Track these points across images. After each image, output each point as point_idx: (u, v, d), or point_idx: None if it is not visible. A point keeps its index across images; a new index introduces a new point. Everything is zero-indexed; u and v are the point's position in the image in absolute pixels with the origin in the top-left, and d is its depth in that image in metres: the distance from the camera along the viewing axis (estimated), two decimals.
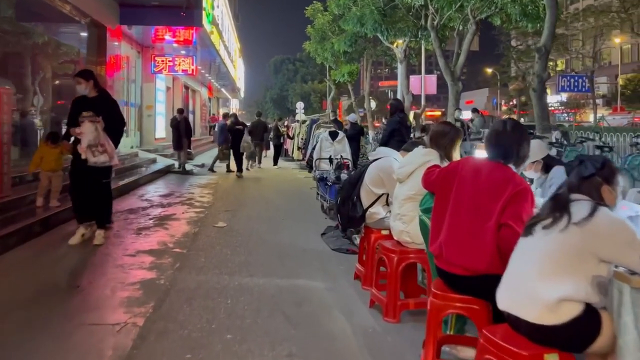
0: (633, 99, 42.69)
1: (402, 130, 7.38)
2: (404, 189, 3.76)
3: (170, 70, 18.21)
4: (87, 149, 5.50)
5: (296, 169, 15.69)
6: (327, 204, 7.58)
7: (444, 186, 2.88)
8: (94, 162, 5.53)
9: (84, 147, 5.51)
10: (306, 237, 6.31)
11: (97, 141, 5.54)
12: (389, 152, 4.50)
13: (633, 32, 34.23)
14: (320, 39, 27.97)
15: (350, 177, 4.52)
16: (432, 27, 18.65)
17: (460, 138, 3.77)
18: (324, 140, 8.98)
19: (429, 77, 23.87)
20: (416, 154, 3.79)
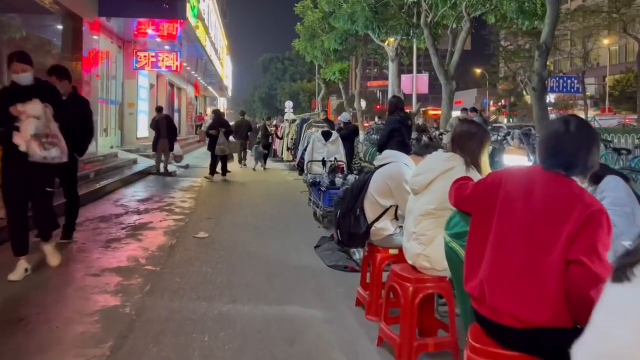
0: (621, 100, 42.67)
1: (402, 131, 6.72)
2: (421, 202, 3.07)
3: (153, 66, 17.37)
4: (32, 139, 4.10)
5: (285, 170, 14.98)
6: (320, 211, 6.88)
7: (482, 205, 2.19)
8: (42, 158, 4.15)
9: (26, 136, 4.08)
10: (298, 251, 5.60)
11: (47, 130, 4.19)
12: (398, 156, 3.81)
13: (625, 33, 34.03)
14: (309, 36, 27.36)
15: (352, 186, 3.83)
16: (426, 24, 18.11)
17: (489, 140, 3.10)
18: (316, 140, 8.28)
19: (421, 76, 23.34)
20: (435, 159, 3.11)
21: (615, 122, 34.38)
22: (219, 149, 11.88)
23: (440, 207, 2.97)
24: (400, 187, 3.59)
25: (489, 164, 3.72)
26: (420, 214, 3.06)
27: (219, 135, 11.87)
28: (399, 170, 3.67)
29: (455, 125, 3.15)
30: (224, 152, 11.99)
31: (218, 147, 11.87)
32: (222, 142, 11.92)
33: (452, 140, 3.10)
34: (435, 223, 3.00)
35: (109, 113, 15.90)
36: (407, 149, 6.81)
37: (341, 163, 7.78)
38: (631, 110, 39.76)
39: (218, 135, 11.98)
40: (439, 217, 2.98)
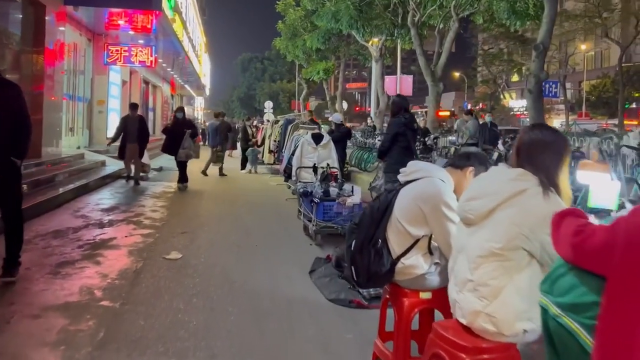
0: (597, 105, 42.88)
1: (407, 134, 5.89)
2: (479, 237, 2.20)
3: (125, 61, 16.22)
4: None
5: (267, 174, 14.00)
6: (313, 226, 5.96)
7: (628, 265, 1.33)
8: None
9: None
10: (290, 278, 4.68)
11: None
12: (431, 170, 2.92)
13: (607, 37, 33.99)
14: (291, 35, 26.55)
15: (372, 209, 2.92)
16: (413, 23, 17.46)
17: (569, 152, 2.24)
18: (306, 144, 7.38)
19: (405, 78, 22.71)
20: (497, 178, 2.23)
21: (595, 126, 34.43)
22: (183, 154, 10.20)
23: (510, 247, 2.11)
24: (438, 211, 2.71)
25: None
26: (480, 255, 2.17)
27: (185, 138, 10.18)
28: (435, 188, 2.78)
29: (521, 131, 2.28)
30: (189, 157, 10.38)
31: (182, 151, 10.18)
32: (187, 145, 10.26)
33: (518, 151, 2.24)
34: (502, 269, 2.13)
35: (76, 111, 14.72)
36: (412, 155, 6.00)
37: (334, 170, 6.89)
38: (607, 115, 39.96)
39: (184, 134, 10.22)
40: (508, 261, 2.12)
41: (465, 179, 2.89)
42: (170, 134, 10.42)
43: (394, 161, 5.91)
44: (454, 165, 2.96)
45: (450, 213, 2.73)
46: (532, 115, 13.81)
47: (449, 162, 3.04)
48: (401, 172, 3.01)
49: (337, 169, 7.08)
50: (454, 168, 2.94)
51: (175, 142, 10.21)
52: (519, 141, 2.25)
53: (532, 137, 2.20)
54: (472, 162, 2.90)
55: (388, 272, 2.82)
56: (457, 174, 2.91)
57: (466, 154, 3.07)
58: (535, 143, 2.18)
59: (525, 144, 2.21)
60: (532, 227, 2.08)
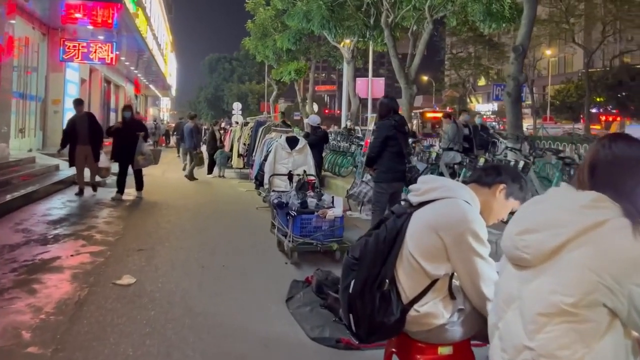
0: (561, 109, 43.66)
1: (398, 138, 5.30)
2: (540, 287, 1.56)
3: (83, 58, 15.16)
4: None
5: (236, 179, 13.23)
6: (289, 242, 5.27)
7: None
8: None
9: None
10: (264, 308, 3.96)
11: None
12: (453, 188, 2.25)
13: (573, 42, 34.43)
14: (261, 35, 25.86)
15: (377, 239, 2.26)
16: (386, 24, 17.04)
17: None
18: (280, 148, 6.69)
19: (377, 80, 22.32)
20: (565, 202, 1.60)
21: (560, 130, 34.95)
22: (141, 160, 8.99)
23: (587, 303, 1.48)
24: (463, 243, 2.07)
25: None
26: (542, 313, 1.54)
27: (139, 142, 8.95)
28: (460, 213, 2.12)
29: (597, 142, 1.66)
30: (148, 163, 9.20)
31: (140, 157, 8.97)
32: (144, 150, 9.08)
33: (593, 169, 1.61)
34: (575, 334, 1.49)
35: (27, 111, 13.62)
36: (404, 161, 5.40)
37: (312, 177, 6.21)
38: (570, 120, 40.71)
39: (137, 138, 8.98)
40: (583, 322, 1.49)
41: (494, 200, 2.27)
42: (117, 137, 9.10)
43: (385, 168, 5.33)
44: (479, 181, 2.31)
45: (480, 247, 2.10)
46: (510, 119, 13.44)
47: (473, 178, 2.41)
48: (412, 190, 2.34)
49: (314, 176, 6.41)
50: (480, 185, 2.30)
51: (126, 147, 8.93)
52: (593, 155, 1.62)
53: (616, 152, 1.57)
54: (503, 178, 2.28)
55: (397, 322, 2.16)
56: (484, 192, 2.27)
57: (495, 168, 2.42)
58: (621, 161, 1.56)
59: (605, 160, 1.58)
60: (617, 276, 1.45)
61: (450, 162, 9.49)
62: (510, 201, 2.27)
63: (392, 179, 5.29)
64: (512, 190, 2.26)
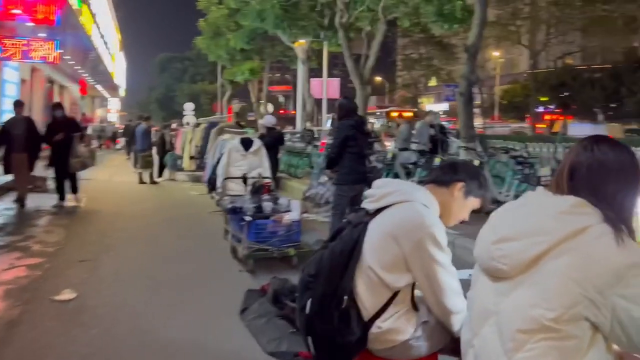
0: (508, 109, 45.10)
1: (358, 139, 5.18)
2: (519, 300, 1.44)
3: (23, 57, 14.33)
4: None
5: (187, 182, 12.82)
6: (244, 249, 5.05)
7: None
8: None
9: None
10: (217, 322, 3.73)
11: None
12: (409, 191, 2.10)
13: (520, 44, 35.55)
14: (214, 34, 25.38)
15: (333, 252, 2.09)
16: (341, 25, 17.05)
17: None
18: (233, 151, 6.44)
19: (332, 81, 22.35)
20: (543, 208, 1.48)
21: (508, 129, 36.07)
22: (77, 164, 8.29)
23: (569, 317, 1.36)
24: (422, 250, 1.93)
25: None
26: (522, 329, 1.41)
27: (74, 144, 8.21)
28: (417, 218, 1.98)
29: (577, 147, 1.55)
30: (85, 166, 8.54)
31: (76, 160, 8.25)
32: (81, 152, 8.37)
33: (572, 173, 1.50)
34: (557, 352, 1.37)
35: None
36: (365, 162, 5.30)
37: (268, 181, 6.00)
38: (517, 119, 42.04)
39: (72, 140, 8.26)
40: (566, 339, 1.37)
41: (453, 199, 2.11)
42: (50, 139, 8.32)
43: (346, 170, 5.20)
44: (437, 181, 2.16)
45: (439, 254, 1.95)
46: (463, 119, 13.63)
47: (430, 178, 2.27)
48: (367, 196, 2.18)
49: (270, 179, 6.21)
50: (438, 185, 2.14)
51: (60, 150, 8.19)
52: (573, 158, 1.52)
53: (598, 156, 1.47)
54: (460, 176, 2.12)
55: (359, 340, 1.99)
56: (442, 192, 2.12)
57: (452, 166, 2.28)
58: (604, 165, 1.46)
59: (586, 164, 1.48)
60: (600, 287, 1.34)
61: (405, 162, 9.48)
62: (470, 200, 2.13)
63: (353, 180, 5.18)
64: (471, 188, 2.11)
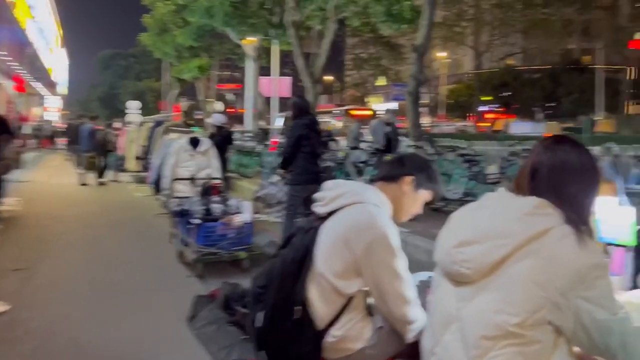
0: (454, 108, 46.44)
1: (311, 138, 5.11)
2: (483, 306, 1.39)
3: None
4: None
5: (132, 183, 12.35)
6: (192, 253, 4.86)
7: None
8: None
9: None
10: (164, 331, 3.53)
11: None
12: (360, 191, 2.00)
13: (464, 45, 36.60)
14: (160, 31, 24.70)
15: (284, 261, 1.99)
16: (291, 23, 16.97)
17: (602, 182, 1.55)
18: (181, 150, 6.21)
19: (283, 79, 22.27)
20: (506, 210, 1.43)
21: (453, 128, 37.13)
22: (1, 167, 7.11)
23: (534, 322, 1.33)
24: (374, 253, 1.84)
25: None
26: (487, 336, 1.36)
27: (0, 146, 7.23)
28: (368, 220, 1.89)
29: (538, 147, 1.51)
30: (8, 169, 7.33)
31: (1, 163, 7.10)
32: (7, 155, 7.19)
33: (534, 173, 1.47)
34: (522, 357, 1.33)
35: None
36: (317, 162, 5.23)
37: (218, 182, 5.82)
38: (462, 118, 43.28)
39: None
40: (530, 344, 1.33)
41: (404, 194, 2.04)
42: None
43: (300, 170, 5.12)
44: (386, 178, 2.07)
45: (392, 258, 1.87)
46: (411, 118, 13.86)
47: (379, 175, 2.19)
48: (317, 200, 2.08)
49: (220, 179, 6.03)
50: (387, 182, 2.05)
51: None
52: (534, 160, 1.48)
53: (560, 156, 1.45)
54: (409, 170, 2.05)
55: (313, 351, 1.91)
56: (392, 189, 2.04)
57: (399, 160, 2.19)
58: (565, 165, 1.44)
59: (548, 164, 1.45)
60: (563, 289, 1.31)
61: (356, 161, 9.49)
62: (421, 193, 2.06)
63: (306, 180, 5.10)
64: (421, 181, 2.05)
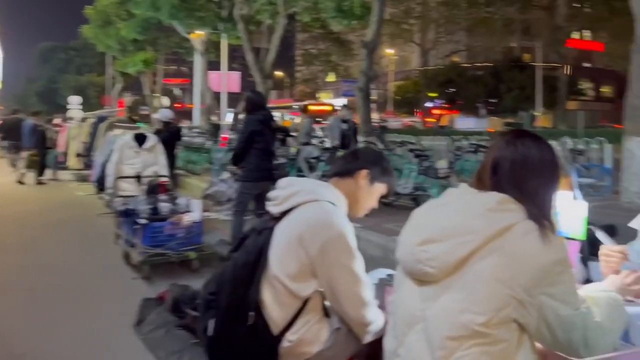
0: (401, 104, 47.34)
1: (265, 134, 5.03)
2: (447, 305, 1.35)
3: None
4: None
5: (73, 181, 11.82)
6: (138, 254, 4.65)
7: None
8: None
9: None
10: (109, 338, 3.35)
11: None
12: (315, 189, 1.92)
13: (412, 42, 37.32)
14: (103, 23, 23.84)
15: (236, 264, 1.88)
16: (240, 17, 16.76)
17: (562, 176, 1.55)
18: (126, 147, 5.96)
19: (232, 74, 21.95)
20: (469, 206, 1.40)
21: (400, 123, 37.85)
22: None
23: (499, 320, 1.30)
24: (329, 252, 1.78)
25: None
26: (452, 336, 1.32)
27: None
28: (324, 218, 1.83)
29: (499, 141, 1.48)
30: None
31: None
32: None
33: (495, 168, 1.45)
34: (488, 357, 1.30)
35: None
36: (271, 158, 5.15)
37: (165, 180, 5.62)
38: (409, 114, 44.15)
39: None
40: (496, 343, 1.30)
41: (359, 189, 1.99)
42: None
43: (252, 167, 5.02)
44: (340, 173, 2.01)
45: (348, 258, 1.82)
46: (362, 114, 13.99)
47: (333, 171, 2.13)
48: (270, 199, 2.00)
49: (167, 177, 5.82)
50: (342, 177, 2.00)
51: None
52: (496, 154, 1.46)
53: (521, 150, 1.43)
54: (363, 163, 2.00)
55: (269, 358, 1.84)
56: (347, 184, 1.98)
57: (353, 154, 2.13)
58: (527, 159, 1.42)
59: (510, 159, 1.42)
60: (527, 286, 1.30)
61: (308, 156, 9.43)
62: (376, 186, 2.02)
63: (259, 177, 5.02)
64: (376, 174, 2.01)
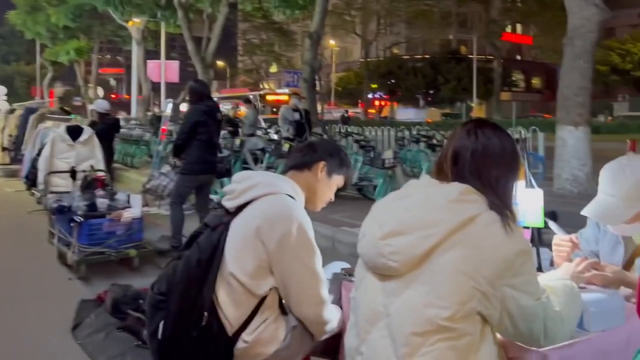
0: (343, 95, 47.80)
1: (209, 125, 4.86)
2: (411, 300, 1.32)
3: None
4: None
5: (1, 177, 11.09)
6: (74, 254, 4.38)
7: None
8: None
9: None
10: (43, 343, 3.12)
11: None
12: (273, 181, 1.87)
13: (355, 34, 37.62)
14: (31, 9, 22.49)
15: (188, 262, 1.77)
16: (180, 5, 16.30)
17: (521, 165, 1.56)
18: (58, 140, 5.62)
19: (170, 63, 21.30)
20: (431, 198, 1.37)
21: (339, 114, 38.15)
22: None
23: (464, 314, 1.29)
24: (287, 248, 1.72)
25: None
26: (417, 332, 1.28)
27: None
28: (283, 209, 1.76)
29: (460, 131, 1.45)
30: None
31: None
32: None
33: (456, 158, 1.42)
34: (454, 352, 1.28)
35: None
36: (216, 152, 4.99)
37: (102, 174, 5.34)
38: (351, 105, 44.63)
39: None
40: (461, 337, 1.29)
41: (317, 181, 1.96)
42: None
43: (193, 159, 4.84)
44: (297, 166, 1.98)
45: (306, 253, 1.77)
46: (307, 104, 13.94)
47: (290, 163, 2.06)
48: (226, 192, 1.91)
49: (104, 171, 5.54)
50: (299, 170, 1.96)
51: None
52: (456, 144, 1.43)
53: (482, 140, 1.41)
54: (320, 155, 1.98)
55: (225, 352, 1.75)
56: (304, 176, 1.95)
57: (310, 146, 2.10)
58: (488, 149, 1.40)
59: (470, 149, 1.41)
60: (490, 277, 1.29)
61: (253, 148, 9.28)
62: (334, 178, 2.01)
63: (200, 170, 4.86)
64: (333, 166, 1.99)
